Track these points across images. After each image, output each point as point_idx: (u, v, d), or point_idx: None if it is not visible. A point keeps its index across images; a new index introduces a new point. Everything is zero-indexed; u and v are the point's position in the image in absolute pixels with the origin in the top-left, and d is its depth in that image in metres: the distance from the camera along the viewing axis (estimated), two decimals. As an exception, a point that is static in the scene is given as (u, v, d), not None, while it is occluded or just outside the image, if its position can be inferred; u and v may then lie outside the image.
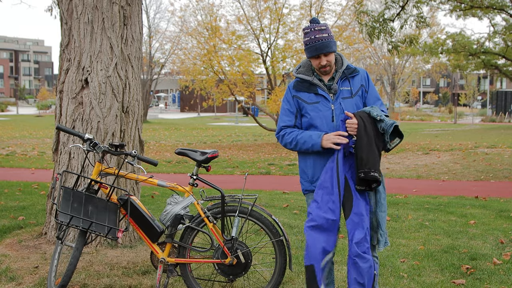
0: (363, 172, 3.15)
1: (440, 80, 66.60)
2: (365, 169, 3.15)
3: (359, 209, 3.18)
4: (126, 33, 5.06)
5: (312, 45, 3.25)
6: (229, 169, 11.82)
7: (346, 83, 3.34)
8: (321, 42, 3.23)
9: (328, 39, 3.24)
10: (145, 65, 33.59)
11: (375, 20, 10.31)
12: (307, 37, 3.27)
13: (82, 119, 4.91)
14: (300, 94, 3.37)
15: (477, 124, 33.64)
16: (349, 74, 3.35)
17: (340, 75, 3.34)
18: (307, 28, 3.30)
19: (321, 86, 3.33)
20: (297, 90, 3.39)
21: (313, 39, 3.25)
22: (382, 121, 3.22)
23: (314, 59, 3.30)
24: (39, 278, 4.16)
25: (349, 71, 3.37)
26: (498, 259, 4.77)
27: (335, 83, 3.32)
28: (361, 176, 3.16)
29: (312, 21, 3.32)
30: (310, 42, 3.26)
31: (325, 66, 3.28)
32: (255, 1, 18.00)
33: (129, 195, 3.72)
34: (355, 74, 3.37)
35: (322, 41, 3.23)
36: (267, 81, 20.11)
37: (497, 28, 21.23)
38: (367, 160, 3.15)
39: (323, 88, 3.32)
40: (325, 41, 3.23)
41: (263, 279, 4.15)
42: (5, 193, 7.99)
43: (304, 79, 3.37)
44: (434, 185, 9.67)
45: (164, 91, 69.48)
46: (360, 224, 3.18)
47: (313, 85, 3.34)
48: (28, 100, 76.90)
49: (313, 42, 3.24)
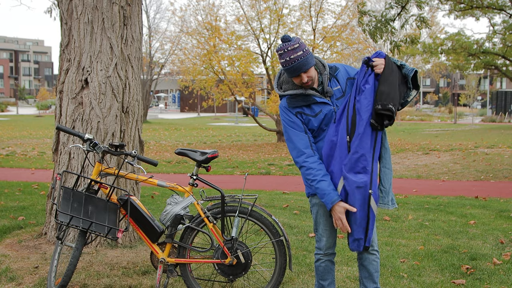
0: (380, 104, 3.10)
1: (440, 80, 66.65)
2: (383, 102, 3.10)
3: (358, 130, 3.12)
4: (126, 33, 5.06)
5: (290, 66, 3.14)
6: (229, 169, 11.82)
7: (334, 82, 3.30)
8: (298, 62, 3.12)
9: (303, 56, 3.13)
10: (145, 65, 33.58)
11: (378, 20, 10.32)
12: (282, 59, 3.15)
13: (82, 119, 4.91)
14: (300, 109, 3.26)
15: (477, 124, 33.64)
16: (333, 73, 3.33)
17: (327, 77, 3.29)
18: (280, 49, 3.17)
19: (316, 94, 3.25)
20: (294, 107, 3.27)
21: (288, 60, 3.13)
22: (403, 67, 3.22)
23: (295, 78, 3.21)
24: (39, 278, 4.16)
25: (332, 70, 3.33)
26: (498, 259, 4.77)
27: (326, 86, 3.28)
28: (378, 107, 3.11)
29: (283, 40, 3.19)
30: (286, 64, 3.14)
31: (307, 82, 3.19)
32: (255, 1, 18.00)
33: (129, 195, 3.73)
34: (337, 72, 3.33)
35: (298, 61, 3.12)
36: (267, 81, 20.12)
37: (497, 28, 21.24)
38: (388, 94, 3.10)
39: (319, 96, 3.25)
40: (301, 60, 3.12)
41: (263, 279, 4.16)
42: (5, 193, 7.99)
43: (296, 94, 3.26)
44: (434, 185, 9.67)
45: (164, 91, 69.48)
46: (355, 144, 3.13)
47: (308, 96, 3.24)
48: (28, 100, 76.90)
49: (289, 64, 3.13)
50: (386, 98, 3.10)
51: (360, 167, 3.12)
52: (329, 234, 3.38)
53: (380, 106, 3.10)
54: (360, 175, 3.12)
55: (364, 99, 3.13)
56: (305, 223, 6.12)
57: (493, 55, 21.92)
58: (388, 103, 3.09)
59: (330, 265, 3.43)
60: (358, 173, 3.12)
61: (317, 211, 3.39)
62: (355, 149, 3.11)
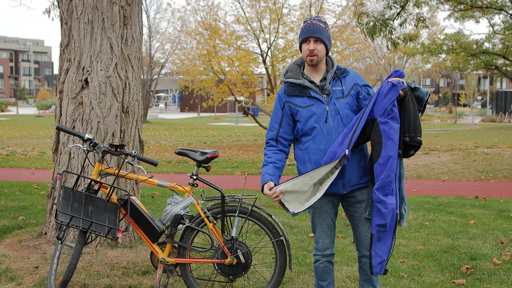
0: (409, 137, 3.16)
1: (440, 80, 66.60)
2: (411, 133, 3.15)
3: (388, 153, 3.14)
4: (126, 33, 5.06)
5: (307, 26, 3.29)
6: (229, 169, 11.82)
7: (338, 83, 3.33)
8: (315, 26, 3.27)
9: (323, 28, 3.29)
10: (145, 65, 33.57)
11: (376, 19, 10.32)
12: (304, 24, 3.33)
13: (82, 119, 4.91)
14: (293, 98, 3.34)
15: (477, 124, 33.63)
16: (340, 74, 3.35)
17: (332, 75, 3.33)
18: (307, 18, 3.35)
19: (313, 88, 3.30)
20: (288, 95, 3.36)
21: (309, 22, 3.30)
22: (417, 90, 3.23)
23: (304, 44, 3.30)
24: (39, 278, 4.16)
25: (340, 71, 3.36)
26: (498, 259, 4.77)
27: (328, 83, 3.31)
28: (406, 140, 3.16)
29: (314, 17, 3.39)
30: (306, 25, 3.31)
31: (312, 52, 3.26)
32: (255, 1, 18.00)
33: (129, 195, 3.72)
34: (346, 74, 3.37)
35: (316, 26, 3.28)
36: (267, 81, 20.11)
37: (496, 29, 21.23)
38: (415, 125, 3.15)
39: (315, 90, 3.29)
40: (319, 27, 3.27)
41: (263, 279, 4.16)
42: (5, 193, 7.99)
43: (294, 83, 3.35)
44: (434, 185, 9.67)
45: (164, 91, 69.48)
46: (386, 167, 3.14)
47: (305, 88, 3.31)
48: (28, 100, 76.91)
49: (308, 25, 3.29)
50: (413, 129, 3.15)
51: (391, 189, 3.16)
52: (326, 236, 3.38)
53: (408, 138, 3.16)
54: (390, 197, 3.16)
55: (395, 124, 3.14)
56: (305, 223, 6.12)
57: (493, 55, 21.91)
58: (416, 135, 3.15)
59: (329, 265, 3.43)
60: (389, 195, 3.16)
61: (313, 213, 3.40)
62: (388, 173, 3.13)
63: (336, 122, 3.25)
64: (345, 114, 3.27)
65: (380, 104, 3.14)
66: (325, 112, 3.26)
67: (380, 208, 3.13)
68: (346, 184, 3.29)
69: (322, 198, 3.27)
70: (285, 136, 3.39)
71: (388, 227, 3.15)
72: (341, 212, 5.35)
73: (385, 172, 3.11)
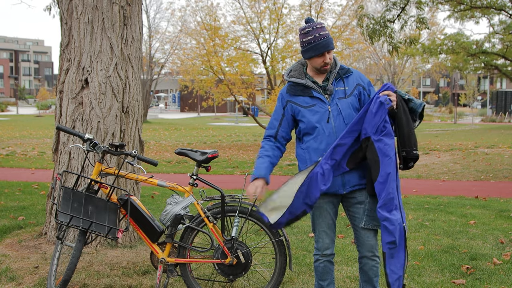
0: (405, 151, 3.20)
1: (440, 80, 66.60)
2: (407, 148, 3.20)
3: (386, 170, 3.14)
4: (126, 33, 5.06)
5: (318, 42, 3.21)
6: (229, 169, 11.82)
7: (340, 83, 3.33)
8: (326, 40, 3.23)
9: (329, 36, 3.26)
10: (145, 65, 33.57)
11: (376, 22, 10.31)
12: (311, 35, 3.23)
13: (82, 119, 4.91)
14: (295, 98, 3.34)
15: (477, 124, 33.63)
16: (343, 74, 3.35)
17: (334, 75, 3.33)
18: (307, 27, 3.26)
19: (315, 88, 3.30)
20: (291, 95, 3.36)
21: (317, 36, 3.22)
22: (411, 101, 3.24)
23: (318, 57, 3.26)
24: (39, 278, 4.16)
25: (343, 71, 3.36)
26: (498, 259, 4.77)
27: (330, 84, 3.31)
28: (403, 154, 3.21)
29: (308, 21, 3.29)
30: (315, 40, 3.22)
31: (327, 63, 3.27)
32: (254, 1, 18.00)
33: (129, 195, 3.72)
34: (349, 74, 3.36)
35: (326, 39, 3.23)
36: (267, 81, 20.12)
37: (496, 29, 21.23)
38: (409, 139, 3.19)
39: (317, 91, 3.29)
40: (328, 39, 3.24)
41: (263, 279, 4.16)
42: (5, 193, 7.99)
43: (297, 83, 3.35)
44: (434, 185, 9.67)
45: (164, 91, 69.49)
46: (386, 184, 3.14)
47: (307, 88, 3.32)
48: (28, 100, 76.91)
49: (319, 40, 3.21)
50: (409, 143, 3.19)
51: (394, 204, 3.17)
52: (326, 235, 3.38)
53: (405, 153, 3.20)
54: (394, 212, 3.17)
55: (390, 140, 3.16)
56: (305, 223, 6.12)
57: (493, 55, 21.91)
58: (412, 149, 3.19)
59: (329, 265, 3.43)
60: (393, 211, 3.17)
61: (313, 212, 3.40)
62: (389, 190, 3.14)
63: (338, 122, 3.25)
64: (347, 114, 3.27)
65: (372, 123, 3.15)
66: (327, 112, 3.26)
67: (387, 226, 3.15)
68: (346, 184, 3.29)
69: (322, 198, 3.29)
70: (283, 135, 3.43)
71: (398, 242, 3.16)
72: (341, 212, 5.34)
73: (385, 190, 3.14)
